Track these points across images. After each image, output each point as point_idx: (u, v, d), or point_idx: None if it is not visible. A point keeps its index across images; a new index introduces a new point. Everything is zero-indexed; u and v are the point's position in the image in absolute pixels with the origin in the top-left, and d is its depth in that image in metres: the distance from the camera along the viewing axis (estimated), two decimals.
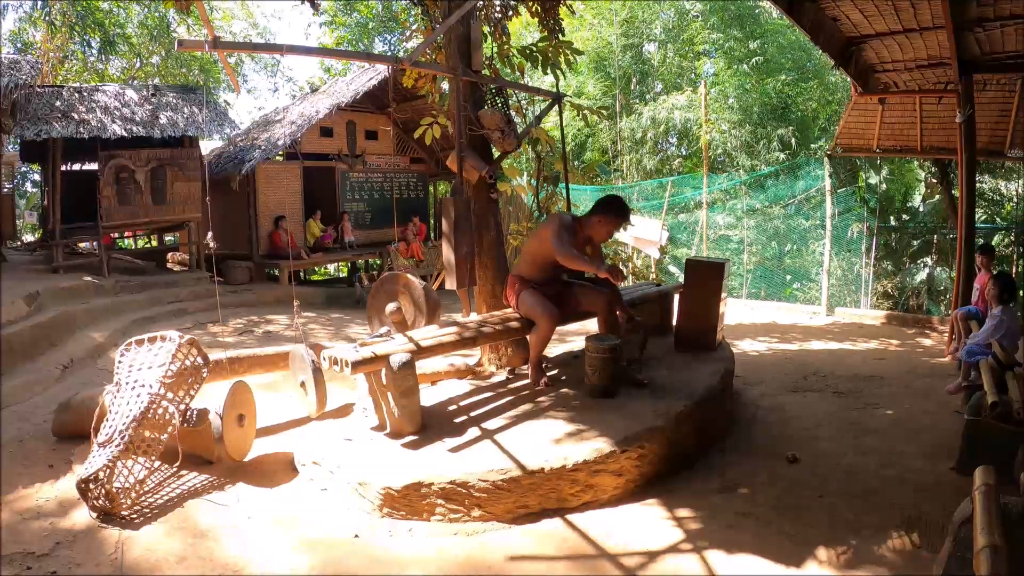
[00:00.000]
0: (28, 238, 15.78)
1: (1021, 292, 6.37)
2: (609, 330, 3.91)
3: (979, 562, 1.56)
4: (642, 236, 11.68)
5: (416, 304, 4.88)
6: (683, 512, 2.91)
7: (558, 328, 3.92)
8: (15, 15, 16.46)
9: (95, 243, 10.74)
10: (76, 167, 11.96)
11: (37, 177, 20.75)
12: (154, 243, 14.66)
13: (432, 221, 14.05)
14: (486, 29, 5.28)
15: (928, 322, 8.34)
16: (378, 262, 12.57)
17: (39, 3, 15.68)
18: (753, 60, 14.18)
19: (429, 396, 3.83)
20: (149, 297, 8.73)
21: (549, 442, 3.07)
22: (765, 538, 2.67)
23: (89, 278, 8.41)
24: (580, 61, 13.75)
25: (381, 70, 11.34)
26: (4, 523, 2.84)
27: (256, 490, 3.20)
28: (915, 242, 11.44)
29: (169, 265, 12.03)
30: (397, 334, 3.77)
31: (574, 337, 6.30)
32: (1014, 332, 4.48)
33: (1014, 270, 9.29)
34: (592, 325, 4.13)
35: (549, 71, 5.57)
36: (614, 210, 3.84)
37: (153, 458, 3.13)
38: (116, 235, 13.65)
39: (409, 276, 5.03)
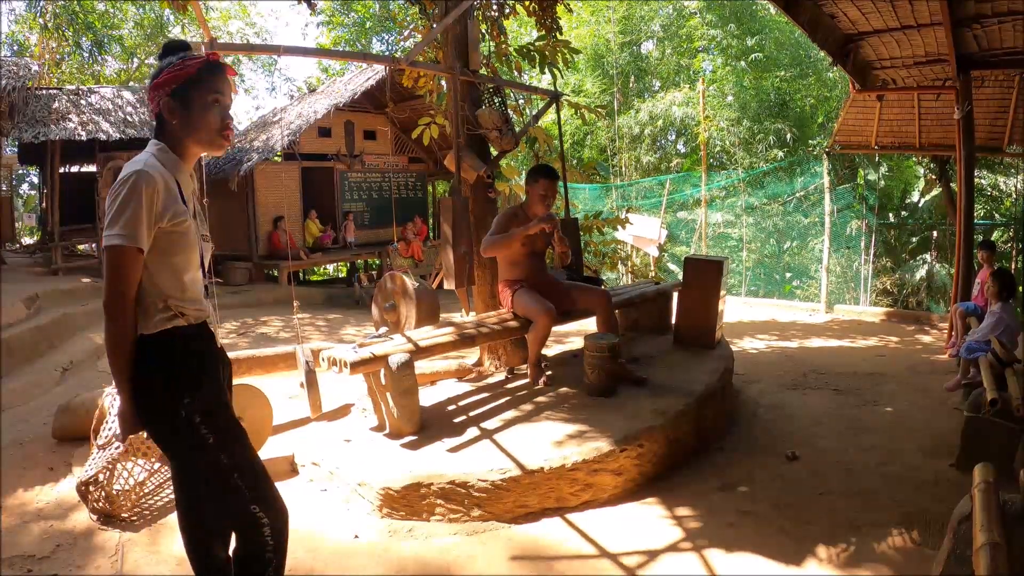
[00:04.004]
0: (27, 240, 15.77)
1: (1021, 288, 6.36)
2: (608, 329, 3.91)
3: (978, 560, 1.56)
4: (641, 234, 11.69)
5: (411, 304, 4.88)
6: (683, 511, 2.91)
7: (556, 328, 3.92)
8: (8, 18, 16.46)
9: (94, 245, 10.74)
10: (74, 169, 11.94)
11: (35, 179, 20.74)
12: None
13: (431, 221, 14.06)
14: (484, 28, 5.27)
15: (927, 319, 8.34)
16: (377, 262, 12.56)
17: (33, 4, 15.67)
18: (751, 57, 14.18)
19: (428, 396, 3.83)
20: None
21: (548, 441, 3.07)
22: (765, 536, 2.67)
23: (88, 280, 8.41)
24: (578, 59, 13.75)
25: (379, 70, 11.34)
26: (4, 526, 2.84)
27: None
28: (914, 239, 11.46)
29: None
30: (396, 334, 3.77)
31: (573, 337, 6.30)
32: (1013, 329, 4.48)
33: (1013, 266, 9.30)
34: (591, 325, 4.12)
35: (547, 70, 5.57)
36: (530, 177, 3.95)
37: (153, 460, 3.13)
38: None
39: (404, 276, 5.02)
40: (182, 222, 1.65)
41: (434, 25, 4.92)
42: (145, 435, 1.75)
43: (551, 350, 5.05)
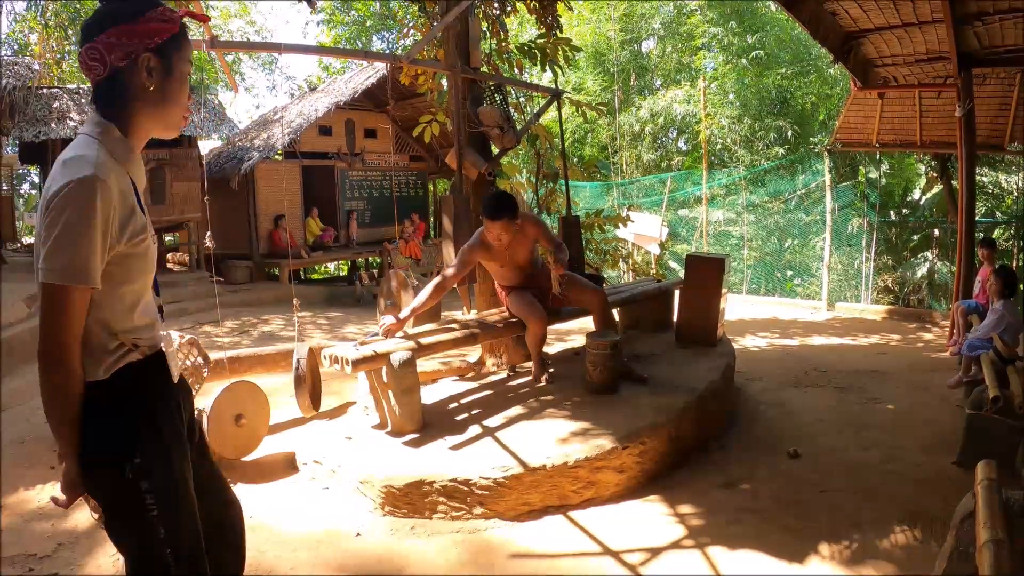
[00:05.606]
0: (28, 240, 15.77)
1: (1022, 286, 6.36)
2: (605, 327, 3.89)
3: (982, 557, 1.55)
4: (642, 232, 11.67)
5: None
6: (685, 508, 2.91)
7: (558, 326, 3.90)
8: (8, 18, 16.44)
9: None
10: None
11: (36, 179, 20.76)
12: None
13: (432, 219, 14.04)
14: (484, 26, 5.27)
15: (929, 317, 8.33)
16: (378, 260, 12.58)
17: (34, 4, 15.66)
18: (752, 54, 14.16)
19: (430, 394, 3.83)
20: None
21: (550, 439, 3.07)
22: (767, 534, 2.67)
23: None
24: (579, 57, 13.73)
25: (379, 68, 11.32)
26: (5, 525, 2.84)
27: (257, 488, 3.20)
28: (915, 237, 11.45)
29: (169, 265, 12.03)
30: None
31: (575, 335, 6.30)
32: (1015, 326, 4.47)
33: (1014, 264, 9.29)
34: (593, 323, 4.11)
35: (548, 67, 5.57)
36: (482, 212, 3.60)
37: None
38: None
39: (403, 274, 5.02)
40: (142, 241, 1.28)
41: (434, 23, 4.92)
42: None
43: (552, 348, 5.05)
